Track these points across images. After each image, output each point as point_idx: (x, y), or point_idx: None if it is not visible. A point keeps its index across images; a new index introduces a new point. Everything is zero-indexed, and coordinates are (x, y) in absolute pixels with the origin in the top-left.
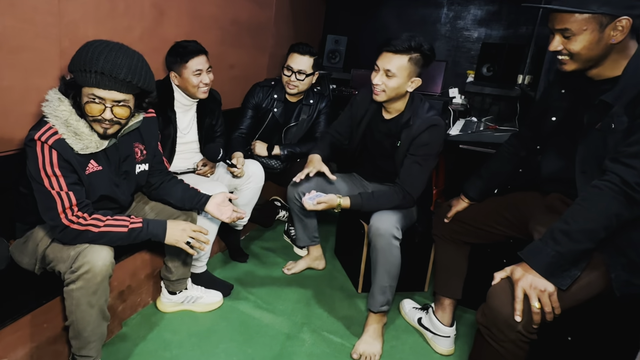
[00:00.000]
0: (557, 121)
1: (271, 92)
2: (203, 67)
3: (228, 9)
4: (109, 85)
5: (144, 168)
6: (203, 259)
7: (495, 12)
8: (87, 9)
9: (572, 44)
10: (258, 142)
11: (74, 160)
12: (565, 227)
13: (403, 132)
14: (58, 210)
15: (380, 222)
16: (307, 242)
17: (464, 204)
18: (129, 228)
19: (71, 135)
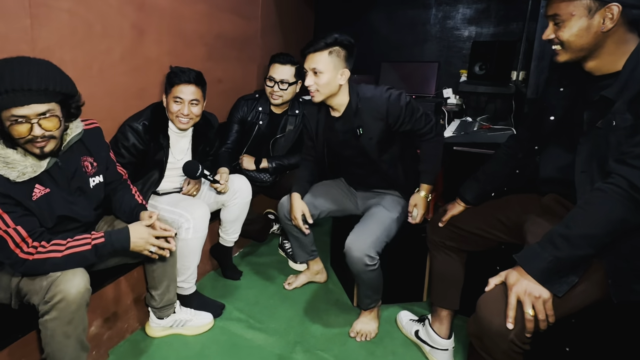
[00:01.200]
0: (556, 120)
1: (256, 105)
2: (186, 97)
3: (212, 24)
4: (26, 100)
5: (98, 180)
6: (190, 280)
7: (484, 10)
8: (62, 34)
9: (562, 31)
10: (245, 156)
11: (14, 191)
12: (565, 232)
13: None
14: (11, 248)
15: (353, 244)
16: (306, 257)
17: (459, 208)
18: (92, 245)
19: (1, 166)
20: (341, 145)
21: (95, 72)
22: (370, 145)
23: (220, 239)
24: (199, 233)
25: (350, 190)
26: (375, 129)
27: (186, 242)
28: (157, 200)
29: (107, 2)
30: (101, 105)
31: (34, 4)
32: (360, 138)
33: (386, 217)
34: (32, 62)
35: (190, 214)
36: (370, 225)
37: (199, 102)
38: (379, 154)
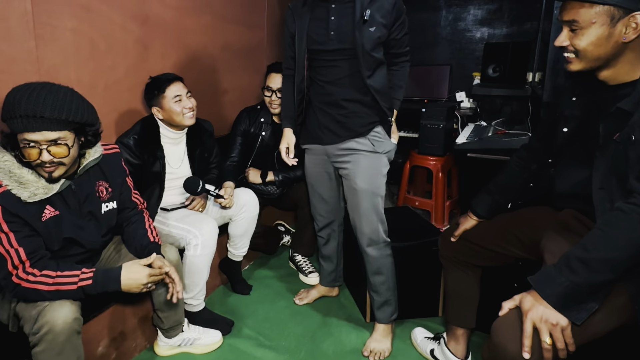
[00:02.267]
0: (570, 132)
1: (258, 116)
2: (182, 92)
3: (217, 35)
4: (37, 127)
5: (111, 207)
6: (198, 296)
7: (496, 10)
8: (67, 53)
9: (579, 38)
10: (251, 169)
11: (24, 211)
12: (583, 255)
13: (365, 2)
14: (9, 269)
15: (365, 227)
16: (330, 283)
17: (472, 222)
18: (77, 285)
19: (16, 185)
20: (328, 34)
21: (101, 90)
22: (370, 38)
23: (228, 253)
24: (208, 249)
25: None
26: (380, 20)
27: (194, 259)
28: (164, 216)
29: (111, 19)
30: (107, 122)
31: (38, 25)
32: (364, 25)
33: (372, 204)
34: (52, 90)
35: (199, 230)
36: (360, 218)
37: (191, 95)
38: (372, 56)
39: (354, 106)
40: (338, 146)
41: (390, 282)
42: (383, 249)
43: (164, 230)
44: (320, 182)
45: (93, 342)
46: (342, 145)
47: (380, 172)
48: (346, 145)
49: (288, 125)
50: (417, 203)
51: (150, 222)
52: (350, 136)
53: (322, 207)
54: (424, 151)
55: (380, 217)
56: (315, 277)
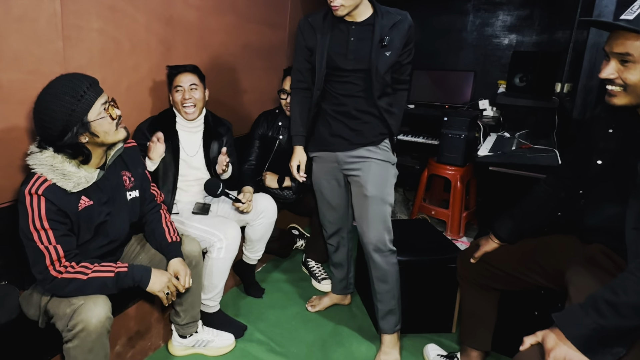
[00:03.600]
0: (604, 165)
1: (276, 120)
2: (184, 84)
3: (239, 35)
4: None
5: (134, 195)
6: (215, 298)
7: (527, 17)
8: (92, 54)
9: (630, 72)
10: (268, 173)
11: (67, 203)
12: (612, 298)
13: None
14: (46, 264)
15: (371, 233)
16: (341, 290)
17: (493, 245)
18: (115, 272)
19: (60, 178)
20: (347, 55)
21: (124, 90)
22: (385, 62)
23: (243, 256)
24: (231, 253)
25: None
26: (396, 44)
27: (217, 262)
28: (188, 218)
29: (136, 20)
30: (129, 122)
31: (66, 26)
32: (381, 49)
33: (380, 211)
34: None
35: (224, 234)
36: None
37: (197, 87)
38: (384, 79)
39: (367, 117)
40: (350, 153)
41: (395, 291)
42: (388, 256)
43: (185, 230)
44: (328, 190)
45: (112, 340)
46: (354, 153)
47: (390, 180)
48: (358, 152)
49: (299, 143)
50: (433, 212)
51: (168, 217)
52: (362, 144)
53: (330, 214)
54: (444, 160)
55: (386, 225)
56: (328, 284)
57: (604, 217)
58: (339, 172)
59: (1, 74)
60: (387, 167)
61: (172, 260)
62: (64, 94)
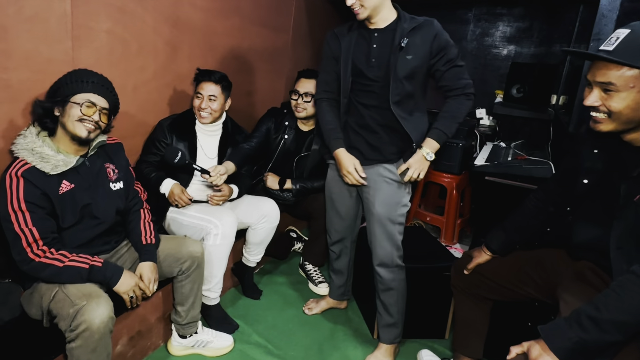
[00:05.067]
0: (590, 184)
1: (283, 120)
2: (204, 92)
3: (243, 37)
4: (102, 93)
5: (119, 186)
6: (215, 289)
7: (526, 29)
8: (100, 54)
9: (614, 101)
10: (270, 174)
11: (46, 185)
12: (594, 314)
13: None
14: (23, 245)
15: (378, 249)
16: (338, 296)
17: (485, 257)
18: (89, 264)
19: (39, 161)
20: (369, 61)
21: (130, 90)
22: (405, 65)
23: (243, 258)
24: (227, 239)
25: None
26: (417, 50)
27: (214, 249)
28: (185, 208)
29: (144, 21)
30: (134, 122)
31: (75, 26)
32: (400, 52)
33: (387, 230)
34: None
35: (219, 220)
36: (375, 240)
37: (217, 99)
38: (403, 84)
39: (385, 132)
40: (364, 168)
41: (400, 305)
42: (395, 272)
43: (183, 221)
44: (340, 199)
45: (113, 340)
46: (367, 169)
47: (401, 201)
48: (372, 169)
49: (339, 145)
50: (428, 218)
51: (148, 217)
52: (378, 161)
53: (338, 222)
54: (440, 168)
55: (395, 243)
56: (325, 287)
57: (591, 236)
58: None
59: (11, 73)
60: (399, 187)
61: (143, 263)
62: (75, 73)
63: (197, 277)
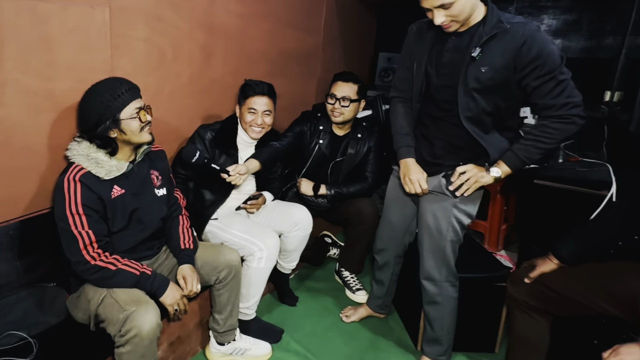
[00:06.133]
0: None
1: (317, 124)
2: (259, 107)
3: (275, 41)
4: (137, 94)
5: (162, 192)
6: (253, 306)
7: (574, 22)
8: (137, 62)
9: None
10: (304, 180)
11: (101, 189)
12: None
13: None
14: (79, 247)
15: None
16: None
17: (552, 266)
18: (140, 272)
19: (94, 166)
20: (440, 70)
21: (166, 96)
22: (478, 78)
23: (278, 265)
24: (270, 263)
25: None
26: (496, 60)
27: (256, 271)
28: (225, 223)
29: (179, 28)
30: (169, 128)
31: (114, 35)
32: (471, 62)
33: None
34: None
35: (264, 243)
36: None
37: (271, 113)
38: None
39: (448, 146)
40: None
41: (445, 322)
42: (444, 288)
43: (223, 236)
44: (393, 207)
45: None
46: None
47: (456, 217)
48: (431, 182)
49: (408, 155)
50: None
51: (186, 223)
52: (438, 172)
53: (386, 231)
54: None
55: (445, 259)
56: (363, 295)
57: None
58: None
59: (55, 84)
60: (453, 204)
61: (182, 266)
62: (104, 91)
63: (234, 285)
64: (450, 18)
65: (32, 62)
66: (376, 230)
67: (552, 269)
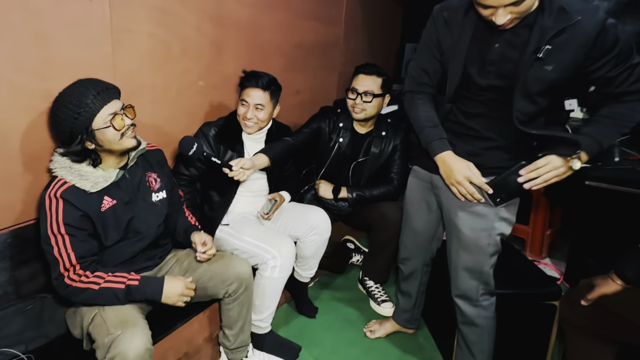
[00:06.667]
0: None
1: (337, 120)
2: (251, 100)
3: (292, 32)
4: (111, 96)
5: (162, 196)
6: (267, 319)
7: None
8: (142, 59)
9: None
10: (322, 182)
11: (86, 204)
12: None
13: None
14: (60, 270)
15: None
16: (404, 323)
17: (615, 287)
18: (125, 284)
19: (77, 179)
20: (487, 64)
21: (174, 94)
22: (541, 78)
23: (294, 272)
24: (285, 273)
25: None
26: (565, 57)
27: (270, 281)
28: (236, 229)
29: (186, 21)
30: (179, 127)
31: (115, 30)
32: (535, 62)
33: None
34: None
35: (278, 251)
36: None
37: (264, 108)
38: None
39: (494, 142)
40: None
41: (485, 345)
42: (482, 308)
43: (235, 243)
44: (415, 211)
45: None
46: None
47: (499, 229)
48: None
49: (446, 148)
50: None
51: (188, 212)
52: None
53: (409, 238)
54: None
55: (483, 276)
56: (389, 307)
57: None
58: (431, 195)
59: (52, 82)
60: (496, 213)
61: (194, 232)
62: (69, 102)
63: (245, 300)
64: (514, 16)
65: (26, 61)
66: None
67: (615, 291)
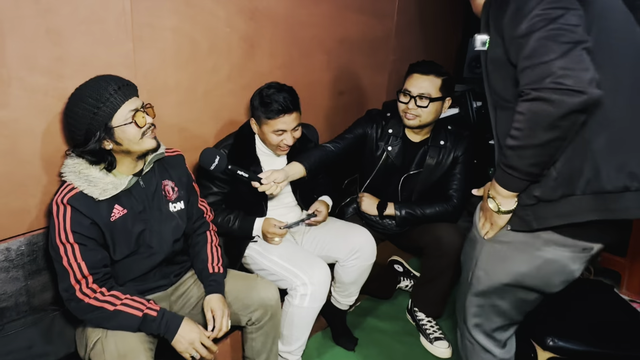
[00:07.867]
0: None
1: (385, 126)
2: (288, 127)
3: (335, 27)
4: (132, 91)
5: (179, 207)
6: (297, 352)
7: None
8: (165, 56)
9: None
10: (366, 195)
11: (94, 212)
12: None
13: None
14: (71, 282)
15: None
16: None
17: None
18: (143, 313)
19: (85, 185)
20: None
21: (200, 95)
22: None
23: (332, 298)
24: (317, 303)
25: None
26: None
27: (300, 310)
28: (264, 247)
29: (215, 15)
30: (205, 131)
31: (136, 26)
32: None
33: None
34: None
35: (309, 277)
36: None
37: (300, 125)
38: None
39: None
40: None
41: None
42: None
43: (262, 263)
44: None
45: None
46: None
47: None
48: None
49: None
50: (600, 259)
51: (215, 241)
52: None
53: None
54: None
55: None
56: (444, 347)
57: None
58: None
59: (68, 82)
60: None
61: (210, 296)
62: (88, 96)
63: (270, 329)
64: None
65: (38, 58)
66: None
67: None
